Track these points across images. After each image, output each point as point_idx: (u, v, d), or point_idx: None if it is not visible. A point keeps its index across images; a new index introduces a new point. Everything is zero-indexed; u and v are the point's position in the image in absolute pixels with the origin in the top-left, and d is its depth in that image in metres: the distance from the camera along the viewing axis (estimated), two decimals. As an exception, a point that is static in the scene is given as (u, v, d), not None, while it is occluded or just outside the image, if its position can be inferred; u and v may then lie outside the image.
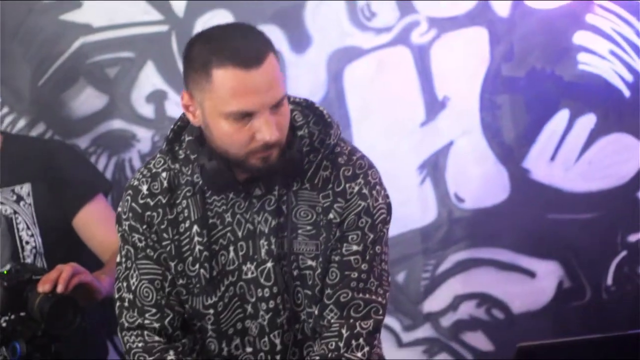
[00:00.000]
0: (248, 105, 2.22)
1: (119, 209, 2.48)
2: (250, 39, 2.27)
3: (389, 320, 3.52)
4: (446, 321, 3.58)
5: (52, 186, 3.06)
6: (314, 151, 2.38)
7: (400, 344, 3.59)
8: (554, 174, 3.50)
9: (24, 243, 3.03)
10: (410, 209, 3.49)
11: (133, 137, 3.49)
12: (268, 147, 2.26)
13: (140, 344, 2.42)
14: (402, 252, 3.50)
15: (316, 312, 2.40)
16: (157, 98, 3.48)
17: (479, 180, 3.51)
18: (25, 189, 3.05)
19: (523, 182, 3.50)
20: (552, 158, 3.49)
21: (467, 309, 3.58)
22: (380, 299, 2.39)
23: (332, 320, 2.37)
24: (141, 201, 2.43)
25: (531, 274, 3.56)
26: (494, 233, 3.54)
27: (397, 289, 3.51)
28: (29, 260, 3.03)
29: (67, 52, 3.44)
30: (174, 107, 3.45)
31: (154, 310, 2.43)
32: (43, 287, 2.66)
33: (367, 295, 2.38)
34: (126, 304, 2.45)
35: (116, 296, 2.48)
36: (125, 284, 2.45)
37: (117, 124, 3.49)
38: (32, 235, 3.04)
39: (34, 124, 3.47)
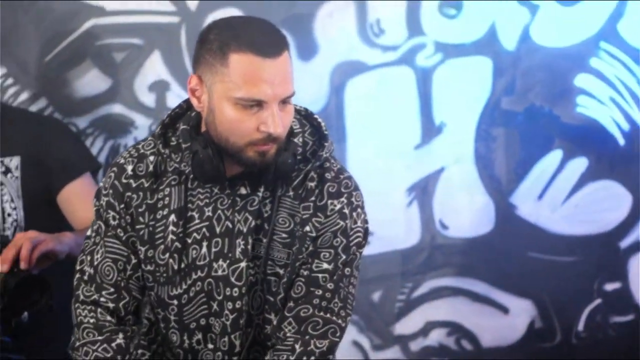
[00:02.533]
0: (260, 94, 2.22)
1: (101, 184, 2.47)
2: (270, 32, 2.29)
3: (359, 337, 3.53)
4: (415, 346, 3.59)
5: (40, 161, 3.06)
6: (305, 161, 2.38)
7: (367, 362, 3.61)
8: (539, 213, 3.50)
9: (5, 215, 3.05)
10: (395, 229, 3.49)
11: (131, 123, 3.50)
12: (269, 141, 2.26)
13: (91, 320, 2.41)
14: (381, 271, 3.51)
15: (274, 322, 2.41)
16: (159, 88, 3.49)
17: (465, 210, 3.51)
18: (14, 161, 3.06)
19: (508, 217, 3.50)
20: (540, 197, 3.49)
21: (437, 337, 3.59)
22: (340, 321, 2.38)
23: (288, 334, 2.37)
24: (124, 180, 2.42)
25: (504, 310, 3.56)
26: (473, 264, 3.54)
27: (372, 307, 3.52)
28: (8, 233, 3.03)
29: (78, 31, 3.44)
30: (175, 99, 3.44)
31: (111, 290, 2.43)
32: (2, 267, 2.65)
33: (328, 315, 2.37)
34: (85, 277, 2.44)
35: (77, 268, 2.47)
36: (89, 258, 2.45)
37: (117, 108, 3.50)
38: (14, 208, 3.05)
39: (36, 98, 3.48)
